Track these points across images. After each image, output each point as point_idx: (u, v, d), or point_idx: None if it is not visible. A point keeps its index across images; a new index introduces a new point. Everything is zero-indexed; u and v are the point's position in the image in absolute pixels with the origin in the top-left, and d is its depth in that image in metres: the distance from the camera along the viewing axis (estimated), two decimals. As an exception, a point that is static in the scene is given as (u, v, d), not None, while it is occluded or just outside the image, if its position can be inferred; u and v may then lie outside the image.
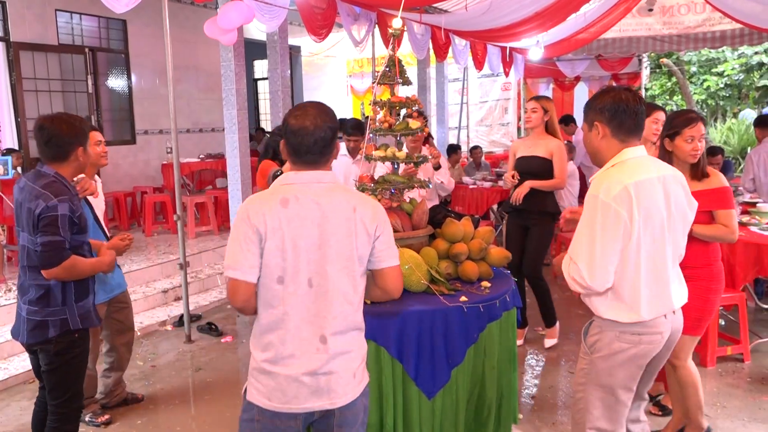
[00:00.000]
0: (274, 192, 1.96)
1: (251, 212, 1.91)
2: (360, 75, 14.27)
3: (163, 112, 9.29)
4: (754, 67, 13.14)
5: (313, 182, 1.98)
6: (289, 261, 1.91)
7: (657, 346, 2.33)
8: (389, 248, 2.05)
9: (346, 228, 1.95)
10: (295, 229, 1.90)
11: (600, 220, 2.17)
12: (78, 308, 2.75)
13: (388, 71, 3.24)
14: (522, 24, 7.97)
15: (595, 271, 2.18)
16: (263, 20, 5.70)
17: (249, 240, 1.90)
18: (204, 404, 4.02)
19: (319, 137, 1.96)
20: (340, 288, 1.96)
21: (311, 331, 1.94)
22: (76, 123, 2.72)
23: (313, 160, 1.99)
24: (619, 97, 2.28)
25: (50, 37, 8.11)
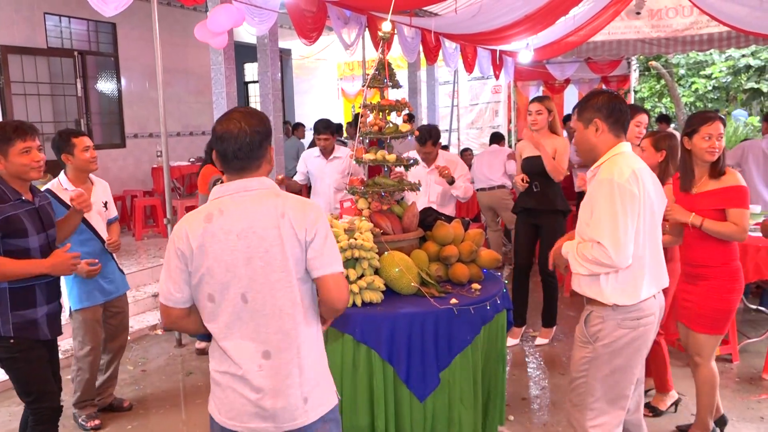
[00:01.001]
0: (202, 209, 1.89)
1: (175, 234, 1.86)
2: (351, 78, 14.29)
3: (153, 116, 9.26)
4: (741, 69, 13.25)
5: (240, 191, 1.87)
6: (217, 278, 1.82)
7: (652, 327, 2.49)
8: (324, 254, 1.86)
9: (274, 237, 1.82)
10: (219, 244, 1.81)
11: (619, 200, 2.30)
12: (14, 316, 2.69)
13: (378, 74, 3.26)
14: (512, 27, 8.01)
15: (621, 247, 2.28)
16: (253, 23, 5.69)
17: (173, 264, 1.85)
18: (195, 408, 4.00)
19: (244, 142, 1.84)
20: (276, 302, 1.84)
21: (252, 348, 1.84)
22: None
23: (240, 166, 1.88)
24: (614, 97, 2.48)
25: (39, 40, 8.07)
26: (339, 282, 1.90)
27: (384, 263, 2.93)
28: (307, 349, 1.89)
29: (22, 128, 2.73)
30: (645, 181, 2.36)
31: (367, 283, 2.83)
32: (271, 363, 1.84)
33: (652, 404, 3.73)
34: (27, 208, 2.74)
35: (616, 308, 2.41)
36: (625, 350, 2.43)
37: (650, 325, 2.46)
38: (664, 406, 3.71)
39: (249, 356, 1.84)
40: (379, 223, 3.13)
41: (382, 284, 2.88)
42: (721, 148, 3.10)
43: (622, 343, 2.42)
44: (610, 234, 2.29)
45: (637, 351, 2.47)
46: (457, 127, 12.40)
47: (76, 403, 3.71)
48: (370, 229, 3.00)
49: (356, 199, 3.30)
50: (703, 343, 3.17)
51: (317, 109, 13.87)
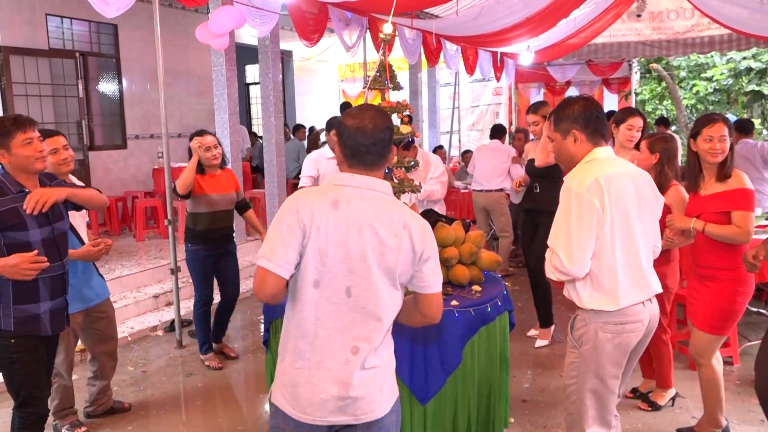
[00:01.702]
0: (324, 191, 1.88)
1: (301, 206, 1.83)
2: (352, 79, 14.30)
3: (154, 117, 9.27)
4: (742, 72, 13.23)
5: (366, 188, 1.89)
6: (328, 265, 1.82)
7: (639, 334, 2.45)
8: (435, 273, 1.93)
9: (394, 244, 1.84)
10: (341, 234, 1.82)
11: (575, 210, 2.31)
12: (15, 310, 2.66)
13: (379, 76, 3.26)
14: (513, 29, 8.02)
15: (574, 257, 2.30)
16: (254, 25, 5.71)
17: (292, 233, 1.81)
18: (195, 410, 4.00)
19: (379, 137, 1.90)
20: (379, 303, 1.86)
21: (343, 341, 1.85)
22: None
23: (372, 161, 1.91)
24: (589, 106, 2.46)
25: (40, 41, 8.08)
26: (440, 300, 1.99)
27: (385, 265, 2.92)
28: (387, 347, 1.95)
29: (20, 120, 2.70)
30: (613, 188, 2.32)
31: (367, 285, 2.82)
32: (358, 358, 1.86)
33: (651, 399, 3.80)
34: None
35: (599, 312, 2.39)
36: (612, 356, 2.42)
37: (636, 332, 2.43)
38: (663, 401, 3.78)
39: (338, 350, 1.85)
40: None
41: (382, 286, 2.88)
42: (723, 149, 3.09)
43: (606, 348, 2.40)
44: (564, 243, 2.32)
45: (622, 356, 2.44)
46: (458, 128, 12.41)
47: (56, 412, 3.55)
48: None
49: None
50: (705, 342, 3.20)
51: (318, 111, 13.88)
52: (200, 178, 4.34)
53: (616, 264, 2.35)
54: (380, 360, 1.91)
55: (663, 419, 3.68)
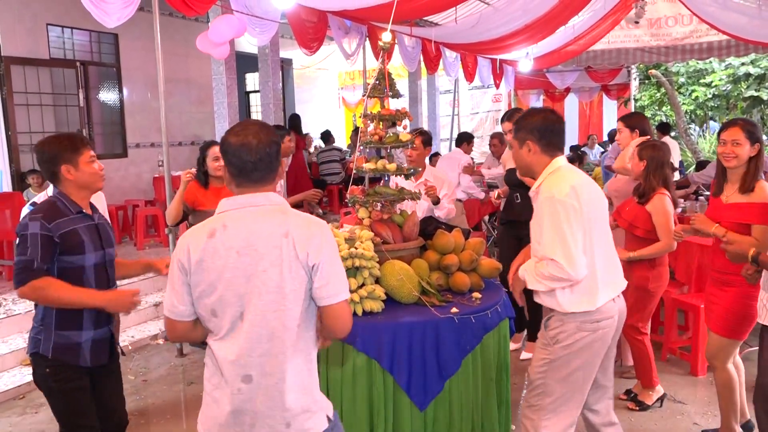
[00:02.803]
0: (206, 222, 1.85)
1: (178, 247, 1.84)
2: (352, 87, 14.35)
3: (155, 126, 9.29)
4: (741, 77, 13.25)
5: (246, 206, 1.84)
6: (217, 294, 1.78)
7: (612, 330, 2.54)
8: (331, 282, 1.80)
9: (274, 256, 1.76)
10: (220, 260, 1.77)
11: (563, 215, 2.38)
12: (57, 336, 2.52)
13: (379, 84, 3.27)
14: (512, 36, 8.05)
15: (574, 260, 2.36)
16: (254, 34, 5.73)
17: (176, 277, 1.83)
18: (196, 418, 3.98)
19: (264, 153, 1.83)
20: (268, 324, 1.77)
21: (234, 369, 1.80)
22: (63, 139, 2.57)
23: (260, 177, 1.85)
24: (547, 119, 2.56)
25: (41, 51, 8.12)
26: (344, 311, 1.85)
27: (385, 272, 2.93)
28: (294, 374, 1.82)
29: (85, 137, 2.67)
30: (583, 194, 2.43)
31: (367, 292, 2.83)
32: (251, 387, 1.79)
33: (639, 399, 3.85)
34: (87, 223, 2.60)
35: (576, 313, 2.48)
36: (584, 352, 2.50)
37: (609, 328, 2.52)
38: (651, 401, 3.81)
39: (232, 376, 1.81)
40: (380, 232, 3.13)
41: (382, 293, 2.89)
42: (736, 153, 3.05)
43: (581, 345, 2.49)
44: (562, 249, 2.37)
45: (596, 353, 2.53)
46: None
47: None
48: (371, 238, 3.00)
49: (357, 208, 3.30)
50: (720, 345, 3.21)
51: (318, 119, 13.92)
52: (203, 193, 4.30)
53: (596, 265, 2.44)
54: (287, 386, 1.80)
55: (664, 426, 3.67)
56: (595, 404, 2.71)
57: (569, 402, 2.56)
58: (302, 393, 1.85)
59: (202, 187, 4.31)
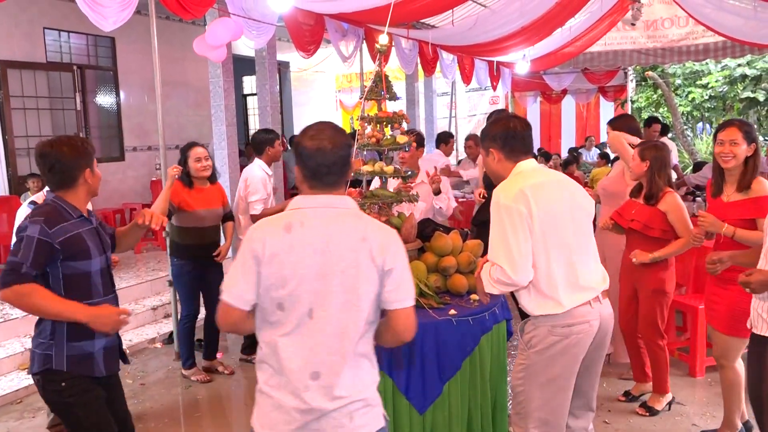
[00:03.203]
0: (282, 216, 1.88)
1: (253, 236, 1.84)
2: (349, 90, 14.36)
3: (152, 129, 9.28)
4: (737, 79, 13.28)
5: (324, 207, 1.87)
6: (288, 288, 1.80)
7: (587, 336, 2.46)
8: (401, 286, 1.86)
9: (351, 259, 1.80)
10: (295, 256, 1.80)
11: (507, 220, 2.38)
12: (69, 348, 2.39)
13: (376, 87, 3.28)
14: (508, 38, 8.06)
15: (517, 265, 2.35)
16: (251, 37, 5.73)
17: (246, 265, 1.82)
18: (194, 422, 3.99)
19: (338, 156, 1.87)
20: (340, 323, 1.81)
21: (303, 365, 1.81)
22: (78, 144, 2.48)
23: (333, 181, 1.89)
24: (508, 126, 2.55)
25: (38, 55, 8.11)
26: (411, 315, 1.90)
27: (383, 275, 2.93)
28: (357, 371, 1.85)
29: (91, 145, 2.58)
30: (539, 197, 2.39)
31: (365, 295, 2.83)
32: (319, 383, 1.80)
33: (648, 404, 3.82)
34: (88, 227, 2.50)
35: (547, 316, 2.45)
36: (561, 358, 2.45)
37: (584, 334, 2.45)
38: (660, 406, 3.80)
39: (299, 373, 1.81)
40: (378, 234, 3.13)
41: (380, 296, 2.88)
42: (734, 153, 3.09)
43: (556, 350, 2.44)
44: (505, 254, 2.37)
45: (573, 359, 2.47)
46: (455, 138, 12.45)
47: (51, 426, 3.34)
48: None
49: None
50: (729, 345, 3.20)
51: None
52: (187, 193, 4.30)
53: (551, 268, 2.40)
54: (352, 383, 1.83)
55: (663, 427, 3.67)
56: (577, 409, 2.66)
57: (554, 411, 2.51)
58: (365, 389, 1.88)
59: (186, 187, 4.31)
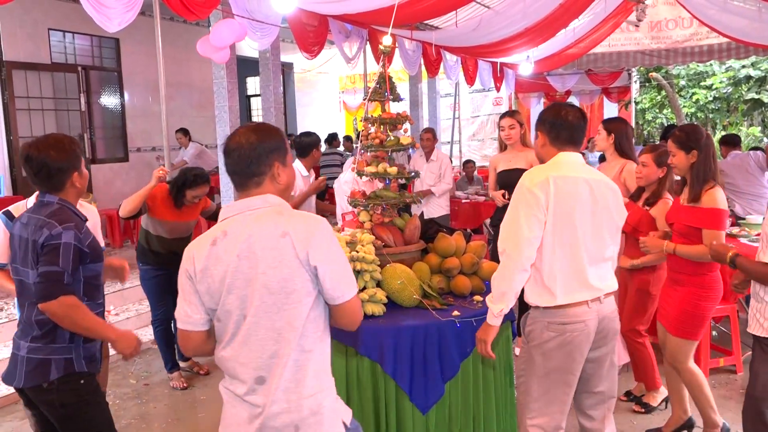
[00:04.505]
0: (210, 231, 1.85)
1: (186, 256, 1.84)
2: (352, 91, 14.36)
3: (156, 130, 9.30)
4: (741, 80, 13.28)
5: (244, 210, 1.82)
6: (222, 300, 1.79)
7: (583, 335, 2.47)
8: (341, 283, 1.81)
9: (272, 258, 1.75)
10: (222, 266, 1.77)
11: (523, 202, 2.43)
12: (84, 349, 2.43)
13: (379, 88, 3.28)
14: (512, 40, 8.05)
15: (520, 245, 2.39)
16: (255, 38, 5.74)
17: (186, 286, 1.83)
18: (198, 422, 4.00)
19: (241, 156, 1.81)
20: (273, 325, 1.77)
21: (246, 372, 1.80)
22: (65, 146, 2.40)
23: (238, 182, 1.85)
24: (559, 113, 2.58)
25: (43, 55, 8.14)
26: (354, 307, 1.86)
27: (386, 276, 2.93)
28: (303, 374, 1.80)
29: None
30: (562, 188, 2.42)
31: (369, 296, 2.83)
32: (265, 387, 1.78)
33: (644, 401, 3.86)
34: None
35: (544, 311, 2.47)
36: (556, 354, 2.47)
37: (579, 332, 2.46)
38: (655, 402, 3.82)
39: (245, 380, 1.81)
40: (381, 235, 3.14)
41: (384, 297, 2.89)
42: (673, 164, 3.23)
43: (551, 346, 2.47)
44: (514, 233, 2.41)
45: (569, 356, 2.48)
46: (458, 139, 12.45)
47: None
48: (372, 242, 3.01)
49: (358, 211, 3.31)
50: (677, 347, 3.26)
51: (319, 123, 13.93)
52: (168, 204, 4.19)
53: (555, 260, 2.43)
54: (298, 388, 1.79)
55: (654, 413, 3.73)
56: (590, 410, 2.67)
57: (551, 404, 2.53)
58: (316, 393, 1.82)
59: (172, 200, 4.18)
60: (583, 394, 2.65)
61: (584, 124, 2.60)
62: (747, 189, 5.95)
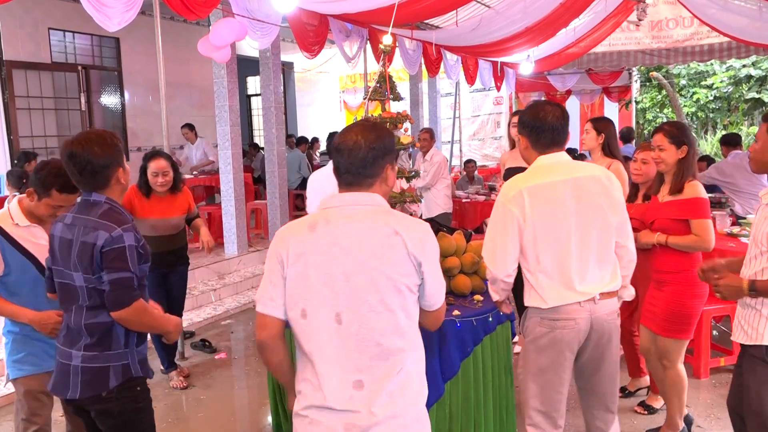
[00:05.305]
0: (307, 217, 1.81)
1: (277, 239, 1.78)
2: (353, 90, 14.36)
3: (156, 129, 9.29)
4: (742, 80, 13.28)
5: (352, 204, 1.78)
6: (313, 291, 1.70)
7: (573, 332, 2.46)
8: (439, 290, 1.80)
9: (383, 254, 1.69)
10: (321, 255, 1.70)
11: (499, 218, 2.47)
12: (138, 353, 2.34)
13: (380, 87, 3.28)
14: (512, 39, 8.05)
15: (496, 260, 2.46)
16: (255, 37, 5.74)
17: (272, 270, 1.75)
18: (198, 422, 3.99)
19: (357, 156, 1.77)
20: (375, 325, 1.68)
21: (342, 376, 1.68)
22: (108, 141, 2.29)
23: (350, 181, 1.80)
24: (537, 115, 2.52)
25: (43, 55, 8.14)
26: (439, 315, 1.89)
27: (386, 275, 2.93)
28: (408, 378, 1.73)
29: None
30: (538, 198, 2.41)
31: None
32: (364, 394, 1.68)
33: (647, 403, 3.85)
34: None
35: (536, 309, 2.50)
36: (548, 351, 2.49)
37: (569, 329, 2.46)
38: (658, 404, 3.81)
39: (339, 386, 1.69)
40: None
41: (384, 296, 2.88)
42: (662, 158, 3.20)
43: (543, 342, 2.49)
44: (490, 249, 2.49)
45: (560, 353, 2.48)
46: (459, 138, 12.44)
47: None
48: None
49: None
50: (669, 347, 3.25)
51: (320, 122, 13.93)
52: (141, 200, 4.18)
53: (541, 266, 2.44)
54: (401, 391, 1.71)
55: (657, 414, 3.71)
56: (593, 409, 2.68)
57: (548, 401, 2.54)
58: (417, 398, 1.77)
59: (144, 195, 4.18)
60: (587, 394, 2.66)
61: (565, 123, 2.54)
62: (747, 188, 5.94)
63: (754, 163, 2.48)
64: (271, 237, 7.88)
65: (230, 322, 5.95)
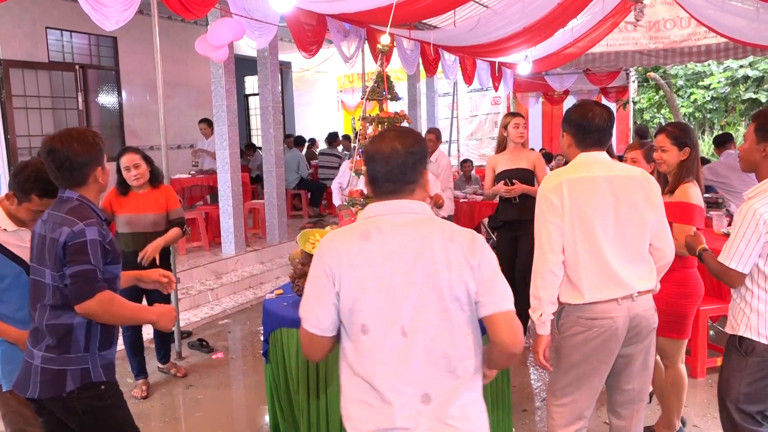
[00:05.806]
0: (352, 227, 1.72)
1: (324, 249, 1.68)
2: (351, 90, 14.37)
3: (154, 129, 9.29)
4: (739, 80, 13.30)
5: (400, 212, 1.70)
6: (373, 304, 1.63)
7: (612, 332, 2.46)
8: (495, 289, 1.67)
9: (443, 261, 1.63)
10: (377, 266, 1.63)
11: (541, 209, 2.50)
12: (101, 358, 2.30)
13: (377, 87, 3.28)
14: (510, 39, 8.06)
15: (544, 249, 2.47)
16: (253, 37, 5.74)
17: (320, 284, 1.66)
18: (195, 422, 3.99)
19: (396, 163, 1.69)
20: (441, 334, 1.63)
21: (411, 391, 1.62)
22: (89, 139, 2.27)
23: (391, 189, 1.72)
24: (585, 115, 2.53)
25: (40, 54, 8.12)
26: (511, 321, 1.67)
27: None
28: (475, 392, 1.70)
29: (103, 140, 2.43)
30: (576, 191, 2.44)
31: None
32: (432, 408, 1.62)
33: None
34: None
35: (575, 306, 2.49)
36: (582, 348, 2.49)
37: (607, 329, 2.45)
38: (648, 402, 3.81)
39: (408, 401, 1.62)
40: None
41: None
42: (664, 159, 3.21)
43: (578, 340, 2.49)
44: (540, 237, 2.48)
45: (595, 352, 2.48)
46: (456, 138, 12.45)
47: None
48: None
49: (356, 210, 3.30)
50: (666, 346, 3.25)
51: (317, 122, 13.93)
52: (119, 199, 4.15)
53: (578, 260, 2.45)
54: (463, 405, 1.65)
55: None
56: (619, 407, 2.68)
57: (575, 395, 2.55)
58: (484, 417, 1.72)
59: (122, 194, 4.15)
60: (613, 390, 2.67)
61: (612, 125, 2.56)
62: (741, 188, 5.96)
63: (743, 162, 2.60)
64: (269, 237, 7.90)
65: (227, 321, 5.95)
